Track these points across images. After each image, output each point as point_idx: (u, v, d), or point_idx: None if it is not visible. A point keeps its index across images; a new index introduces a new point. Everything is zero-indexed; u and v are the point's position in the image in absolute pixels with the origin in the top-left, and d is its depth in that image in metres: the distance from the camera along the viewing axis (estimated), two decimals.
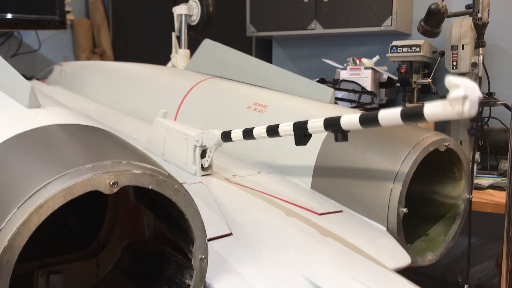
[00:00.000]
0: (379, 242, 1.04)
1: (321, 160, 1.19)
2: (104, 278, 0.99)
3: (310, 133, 0.94)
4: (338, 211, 1.13)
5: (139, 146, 0.76)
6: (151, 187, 0.69)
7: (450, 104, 0.68)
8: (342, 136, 0.89)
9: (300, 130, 0.94)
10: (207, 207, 0.99)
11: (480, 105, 1.88)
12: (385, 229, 1.09)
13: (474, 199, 1.57)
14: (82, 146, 0.74)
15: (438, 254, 1.18)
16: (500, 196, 1.69)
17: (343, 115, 0.87)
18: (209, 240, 0.79)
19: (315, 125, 0.92)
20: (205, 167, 1.15)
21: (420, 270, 1.52)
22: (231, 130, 1.06)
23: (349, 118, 0.86)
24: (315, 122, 0.92)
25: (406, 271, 1.04)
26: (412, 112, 0.76)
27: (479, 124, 2.04)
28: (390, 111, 0.79)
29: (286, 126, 0.97)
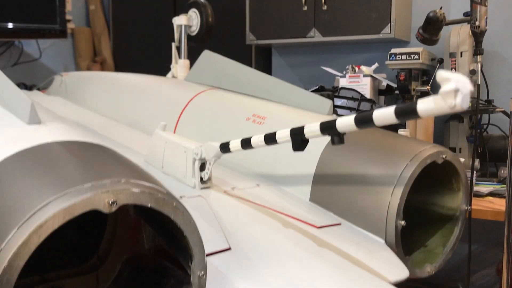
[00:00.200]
0: (377, 255, 1.04)
1: (319, 172, 1.20)
2: None
3: (307, 138, 0.94)
4: (336, 224, 1.13)
5: (139, 159, 0.77)
6: (149, 205, 0.70)
7: (442, 98, 0.68)
8: (339, 139, 0.89)
9: (297, 135, 0.95)
10: (206, 222, 1.00)
11: (479, 112, 1.89)
12: (383, 241, 1.09)
13: (474, 206, 1.57)
14: (81, 164, 0.74)
15: (437, 266, 1.18)
16: (500, 203, 1.67)
17: None
18: (207, 255, 0.79)
19: (312, 129, 0.92)
20: (204, 180, 1.15)
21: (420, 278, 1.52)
22: (229, 141, 1.07)
23: (344, 120, 0.86)
24: (312, 126, 0.92)
25: (405, 280, 1.04)
26: (406, 109, 0.76)
27: (478, 131, 2.05)
28: (384, 110, 0.79)
29: (283, 132, 0.97)
